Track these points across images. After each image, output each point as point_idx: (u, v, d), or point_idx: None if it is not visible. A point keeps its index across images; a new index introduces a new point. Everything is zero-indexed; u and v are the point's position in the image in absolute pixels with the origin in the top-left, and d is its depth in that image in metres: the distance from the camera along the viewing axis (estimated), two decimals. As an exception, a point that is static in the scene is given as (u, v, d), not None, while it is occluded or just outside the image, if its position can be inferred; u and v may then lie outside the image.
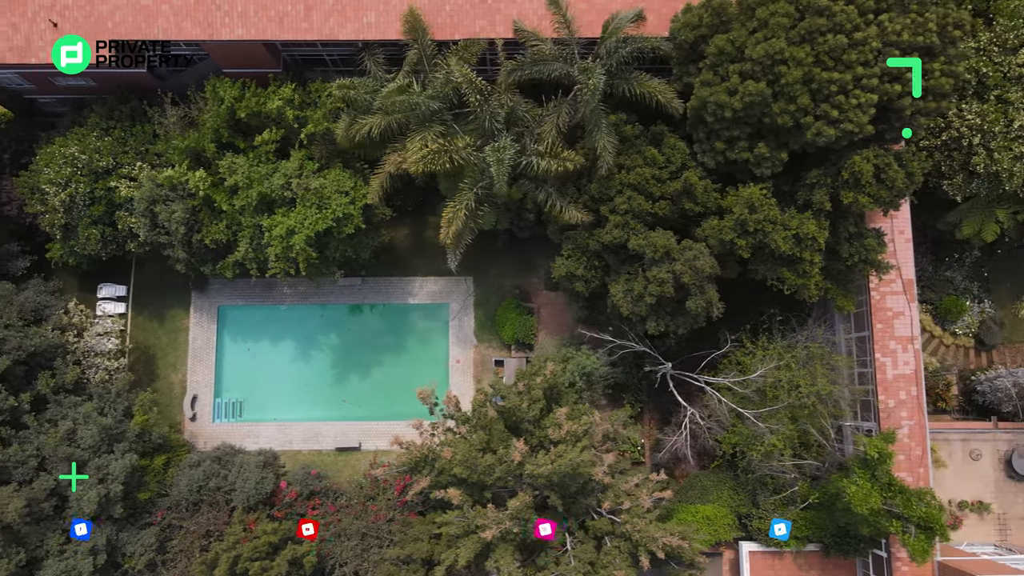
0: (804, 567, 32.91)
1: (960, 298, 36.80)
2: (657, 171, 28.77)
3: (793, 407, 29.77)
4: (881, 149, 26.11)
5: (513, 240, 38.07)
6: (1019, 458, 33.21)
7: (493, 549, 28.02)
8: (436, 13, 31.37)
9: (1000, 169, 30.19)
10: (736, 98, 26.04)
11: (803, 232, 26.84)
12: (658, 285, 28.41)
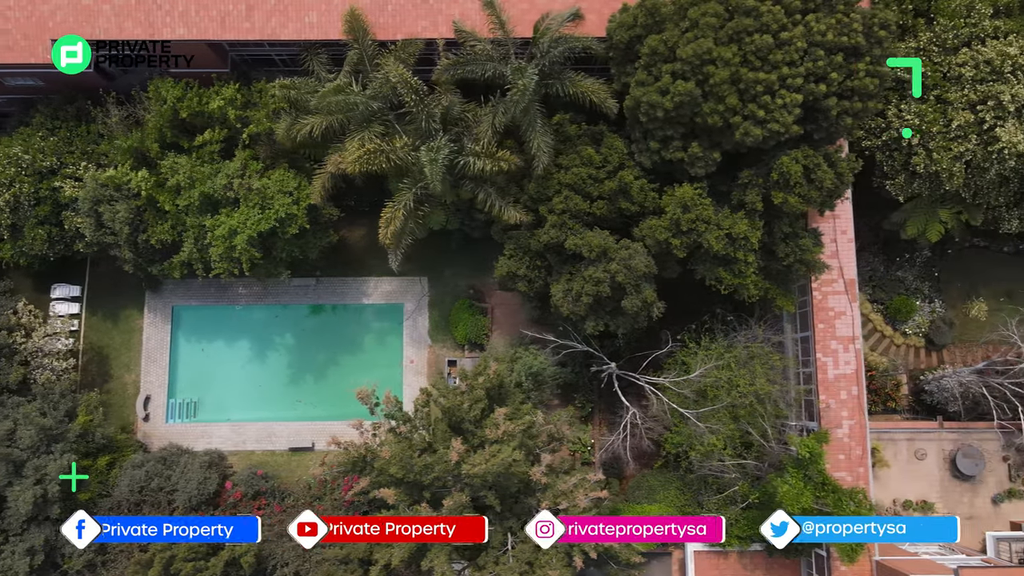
0: (749, 567, 32.93)
1: (910, 298, 36.86)
2: (594, 171, 28.79)
3: (732, 407, 29.77)
4: (811, 150, 26.15)
5: (467, 240, 38.09)
6: (963, 458, 33.26)
7: (428, 549, 27.99)
8: (378, 13, 31.38)
9: (940, 169, 30.24)
10: (667, 98, 26.09)
11: (735, 232, 26.89)
12: (594, 284, 28.43)
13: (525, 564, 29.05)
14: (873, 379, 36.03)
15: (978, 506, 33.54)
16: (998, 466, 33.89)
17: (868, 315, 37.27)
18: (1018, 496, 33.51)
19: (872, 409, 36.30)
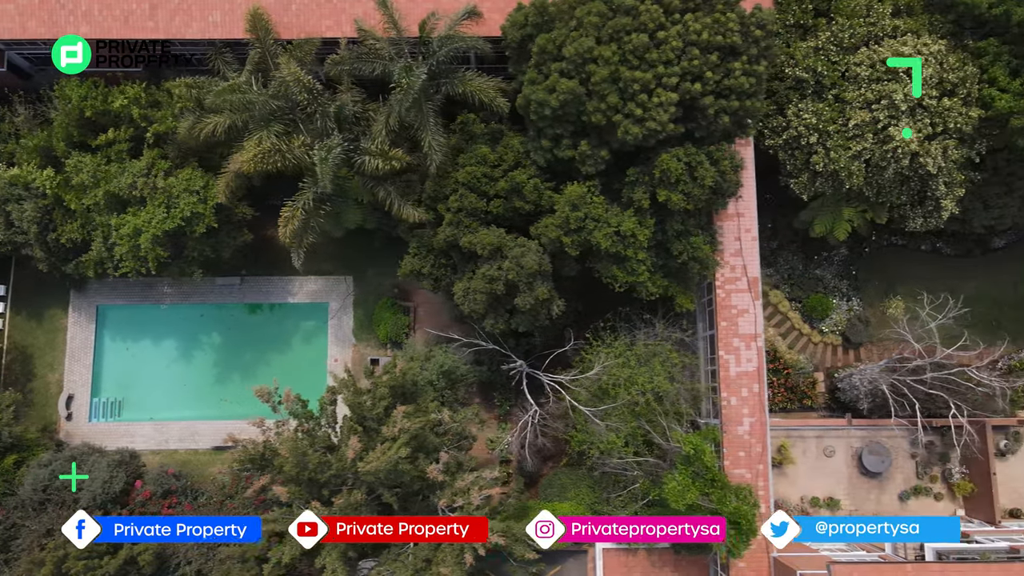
0: (658, 564, 33.07)
1: (826, 296, 37.03)
2: (488, 170, 28.91)
3: (633, 404, 29.90)
4: (694, 148, 26.29)
5: (391, 239, 38.13)
6: (869, 455, 33.44)
7: (321, 547, 28.07)
8: (282, 12, 31.50)
9: (838, 168, 30.42)
10: (554, 96, 26.24)
11: (624, 229, 27.01)
12: (487, 283, 28.57)
13: (423, 561, 29.20)
14: (788, 377, 36.23)
15: (885, 503, 33.75)
16: (906, 463, 34.10)
17: (786, 313, 37.45)
18: (924, 493, 33.71)
19: (788, 407, 36.55)
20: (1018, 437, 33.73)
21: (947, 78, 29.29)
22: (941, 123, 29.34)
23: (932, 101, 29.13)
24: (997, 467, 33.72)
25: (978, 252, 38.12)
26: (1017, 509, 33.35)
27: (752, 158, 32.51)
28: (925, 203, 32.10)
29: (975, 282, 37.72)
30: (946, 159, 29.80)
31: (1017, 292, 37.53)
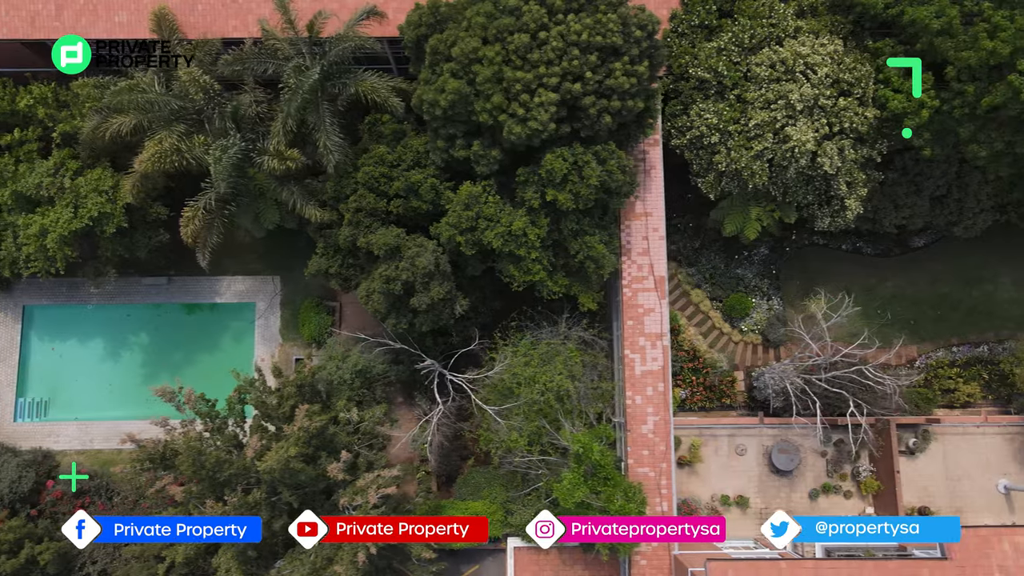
0: (568, 562, 33.10)
1: (746, 295, 37.18)
2: (387, 169, 29.01)
3: (532, 403, 30.00)
4: (581, 147, 26.41)
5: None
6: (779, 453, 33.60)
7: (219, 546, 28.14)
8: (188, 12, 31.56)
9: (741, 167, 30.58)
10: (443, 96, 26.34)
11: (514, 229, 27.13)
12: (385, 283, 28.68)
13: (325, 560, 29.30)
14: (707, 376, 36.40)
15: (795, 501, 33.90)
16: (817, 462, 34.26)
17: (707, 312, 37.62)
18: (834, 491, 33.88)
19: (707, 406, 36.71)
20: (927, 436, 33.91)
21: (843, 78, 29.48)
22: (837, 123, 29.54)
23: (828, 101, 29.31)
24: (907, 465, 33.95)
25: (898, 252, 38.31)
26: (926, 507, 33.53)
27: (660, 157, 32.71)
28: (832, 202, 32.27)
29: (894, 281, 37.96)
30: (843, 159, 29.98)
31: (935, 291, 37.72)
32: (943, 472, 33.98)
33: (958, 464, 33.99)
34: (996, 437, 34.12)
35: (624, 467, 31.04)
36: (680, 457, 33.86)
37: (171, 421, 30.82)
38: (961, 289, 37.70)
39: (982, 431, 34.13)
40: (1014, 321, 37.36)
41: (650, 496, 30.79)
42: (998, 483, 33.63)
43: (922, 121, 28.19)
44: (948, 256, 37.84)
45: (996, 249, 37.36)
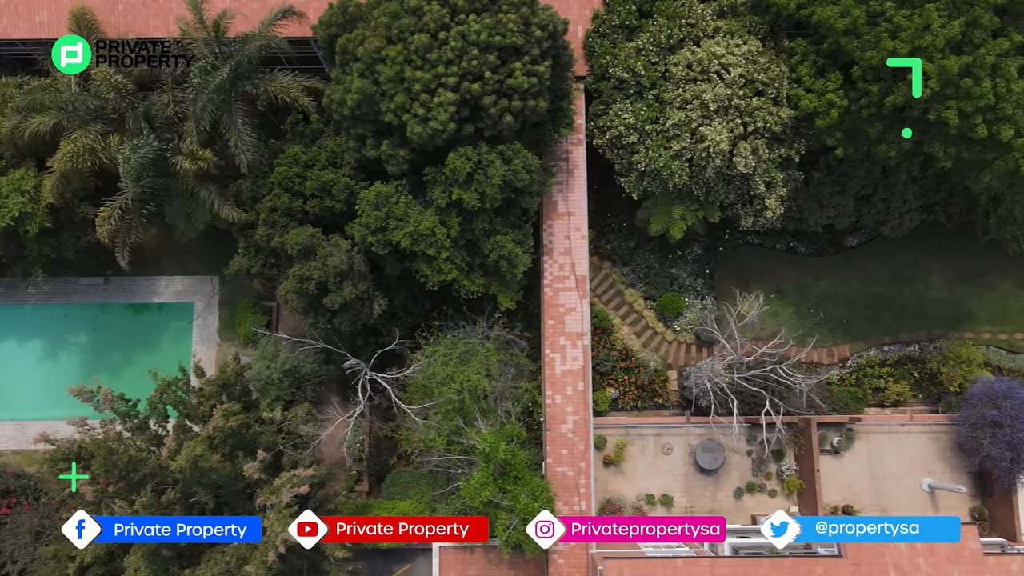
0: (494, 561, 33.11)
1: (679, 295, 37.23)
2: (301, 169, 29.04)
3: (448, 402, 30.05)
4: (486, 147, 26.46)
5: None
6: (703, 452, 33.67)
7: (131, 546, 28.13)
8: (109, 12, 31.58)
9: (659, 167, 30.65)
10: (350, 96, 26.38)
11: (422, 228, 27.17)
12: (299, 282, 28.70)
13: (239, 559, 29.32)
14: (639, 375, 36.45)
15: (721, 500, 33.97)
16: (743, 460, 34.34)
17: (641, 312, 37.68)
18: (759, 490, 33.95)
19: (640, 405, 36.76)
20: (851, 435, 34.00)
21: (758, 78, 29.57)
22: (751, 123, 29.63)
23: (741, 101, 29.39)
24: (832, 464, 34.06)
25: (831, 251, 38.40)
26: (849, 506, 33.63)
27: (584, 157, 32.80)
28: (754, 202, 32.35)
29: (827, 281, 38.05)
30: (758, 158, 30.07)
31: (867, 291, 37.82)
32: (868, 471, 34.07)
33: (883, 463, 34.08)
34: (921, 436, 34.24)
35: (544, 466, 31.09)
36: (606, 456, 33.93)
37: (90, 421, 30.81)
38: (893, 288, 37.82)
39: (907, 430, 34.25)
40: (945, 320, 37.48)
41: (569, 495, 30.91)
42: (922, 482, 33.73)
43: (832, 121, 28.29)
44: (880, 256, 37.95)
45: (927, 249, 37.50)
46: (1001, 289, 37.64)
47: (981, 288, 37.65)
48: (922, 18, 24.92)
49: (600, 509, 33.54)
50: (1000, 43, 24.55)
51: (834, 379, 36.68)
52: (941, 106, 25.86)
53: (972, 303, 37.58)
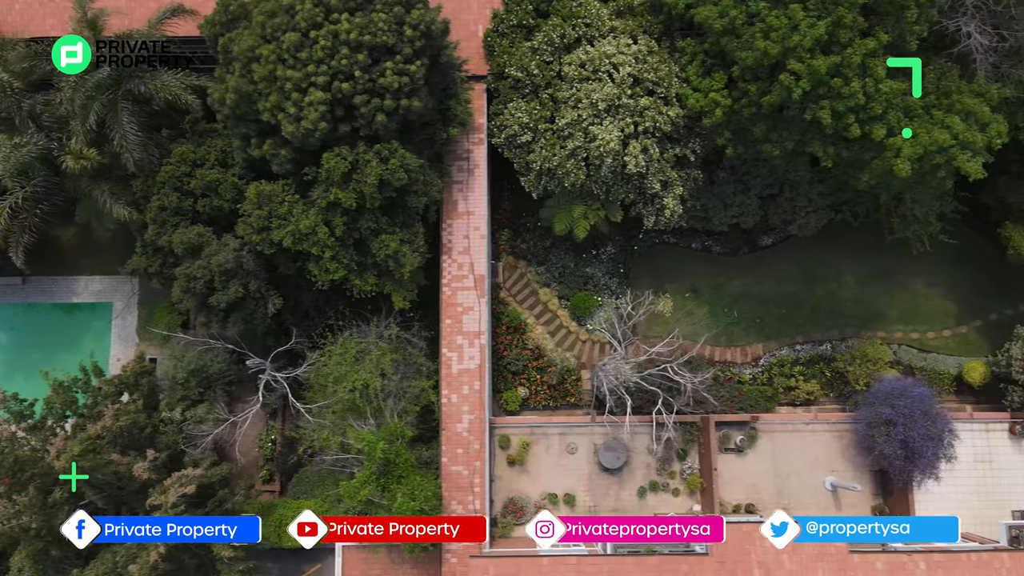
0: (397, 561, 33.07)
1: (591, 294, 37.25)
2: (189, 168, 29.03)
3: (343, 401, 30.08)
4: (365, 146, 26.47)
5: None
6: (605, 451, 33.72)
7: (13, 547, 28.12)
8: (6, 12, 31.57)
9: (554, 166, 30.69)
10: (228, 95, 26.37)
11: (302, 227, 27.18)
12: (187, 282, 28.70)
13: (127, 559, 29.30)
14: (550, 374, 36.48)
15: (624, 499, 34.01)
16: (648, 459, 34.38)
17: (556, 311, 37.73)
18: (662, 489, 34.03)
19: (554, 405, 36.79)
20: (754, 434, 34.08)
21: (647, 77, 29.63)
22: (641, 122, 29.69)
23: (630, 100, 29.45)
24: (736, 463, 34.14)
25: (746, 251, 38.49)
26: (752, 505, 33.71)
27: (485, 156, 32.83)
28: (654, 201, 32.42)
29: (742, 280, 38.13)
30: (649, 158, 30.12)
31: (781, 290, 37.92)
32: (772, 469, 34.15)
33: (787, 461, 34.16)
34: (825, 434, 34.33)
35: (439, 465, 31.13)
36: (509, 456, 33.96)
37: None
38: (806, 287, 37.92)
39: (811, 429, 34.33)
40: (857, 319, 37.60)
41: (463, 494, 30.93)
42: (825, 480, 33.82)
43: (718, 120, 28.38)
44: (794, 255, 38.06)
45: (839, 248, 37.60)
46: (912, 288, 37.79)
47: (893, 287, 37.79)
48: (790, 18, 24.99)
49: (503, 508, 33.59)
50: (867, 43, 24.62)
51: (746, 378, 36.85)
52: (816, 105, 25.94)
53: (884, 302, 37.72)
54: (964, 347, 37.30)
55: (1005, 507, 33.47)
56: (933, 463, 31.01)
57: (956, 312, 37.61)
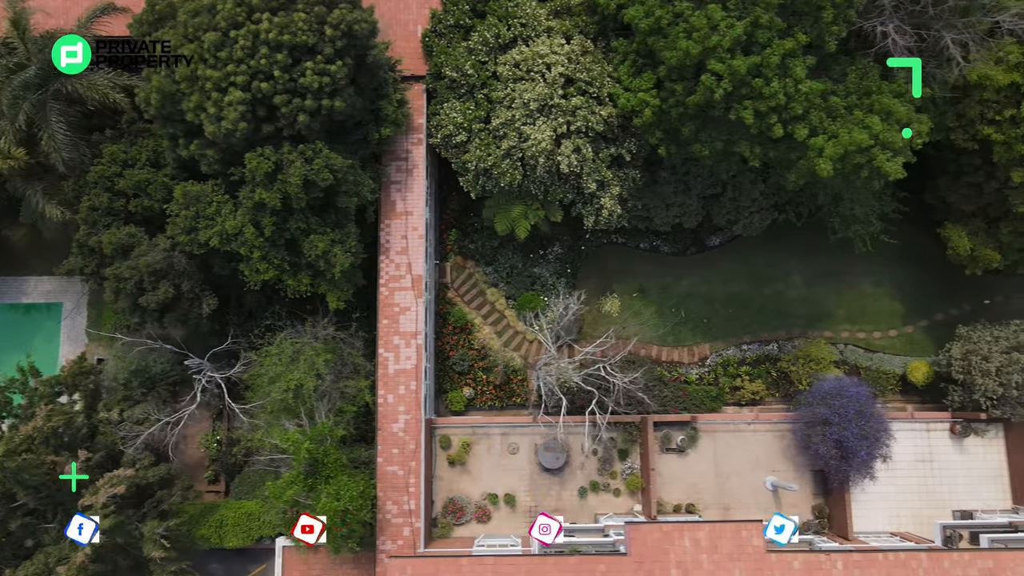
0: (337, 561, 33.06)
1: (538, 294, 37.22)
2: (119, 168, 28.97)
3: (278, 402, 30.04)
4: (289, 146, 26.44)
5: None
6: (545, 451, 33.70)
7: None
8: (-57, 12, 31.43)
9: (489, 165, 30.67)
10: (153, 95, 26.33)
11: (228, 228, 27.14)
12: (116, 282, 28.65)
13: (57, 560, 29.29)
14: (496, 374, 36.47)
15: (565, 499, 33.99)
16: (589, 460, 34.36)
17: (503, 311, 37.72)
18: (603, 489, 33.99)
19: (500, 404, 36.81)
20: (694, 435, 34.06)
21: (579, 77, 29.61)
22: (573, 121, 29.67)
23: (561, 100, 29.44)
24: (677, 463, 34.12)
25: (694, 251, 38.49)
26: (692, 504, 33.70)
27: (424, 156, 32.81)
28: (592, 201, 32.41)
29: (689, 280, 38.13)
30: (581, 157, 30.10)
31: (728, 290, 37.92)
32: (713, 469, 34.14)
33: (729, 461, 34.16)
34: (767, 434, 34.32)
35: (375, 465, 31.11)
36: (449, 456, 33.93)
37: (-82, 422, 30.76)
38: (753, 287, 37.92)
39: (753, 429, 34.32)
40: (805, 319, 37.60)
41: (398, 494, 30.92)
42: (766, 480, 33.83)
43: (648, 120, 28.38)
44: (741, 255, 38.07)
45: (786, 248, 37.62)
46: (859, 288, 37.81)
47: (840, 287, 37.80)
48: (709, 19, 24.98)
49: (443, 508, 33.56)
50: (785, 43, 24.61)
51: (692, 378, 36.86)
52: (740, 106, 25.94)
53: (831, 302, 37.74)
54: (910, 347, 37.34)
55: (946, 507, 33.56)
56: (867, 462, 31.03)
57: (903, 312, 37.64)
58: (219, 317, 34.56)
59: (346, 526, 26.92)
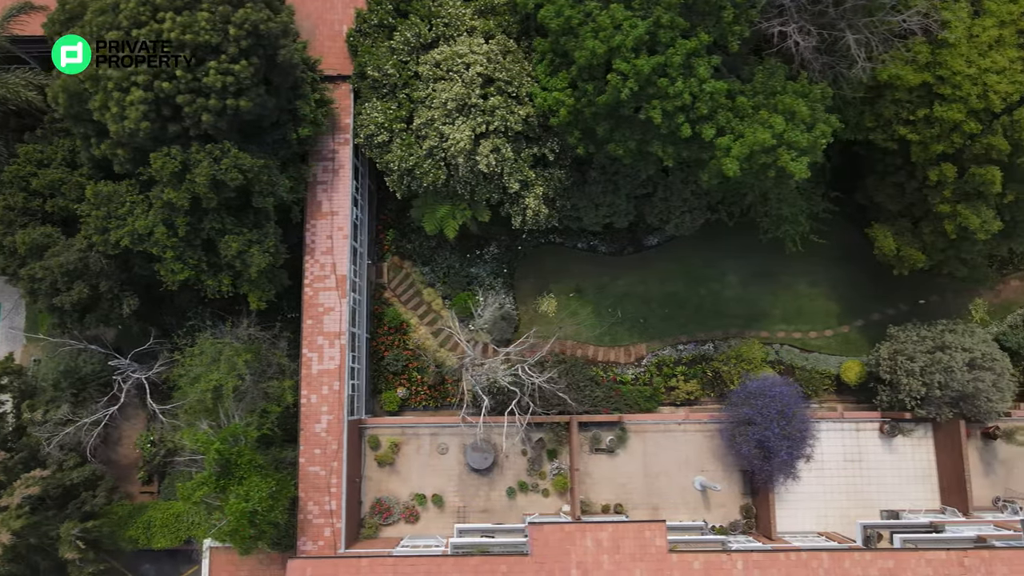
0: (265, 562, 32.96)
1: (471, 295, 37.15)
2: (34, 168, 28.85)
3: (198, 402, 29.94)
4: (200, 147, 26.32)
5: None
6: (472, 452, 33.64)
7: None
8: None
9: (411, 165, 30.59)
10: (59, 94, 26.21)
11: (139, 228, 27.03)
12: (30, 283, 28.53)
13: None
14: (429, 375, 36.40)
15: (494, 499, 33.94)
16: (519, 460, 34.31)
17: (440, 312, 37.65)
18: (532, 489, 33.95)
19: (435, 405, 36.76)
20: (623, 435, 34.02)
21: (499, 76, 29.53)
22: (492, 121, 29.58)
23: (478, 100, 29.36)
24: (606, 463, 34.10)
25: (631, 251, 38.45)
26: (620, 505, 33.65)
27: (350, 157, 32.72)
28: (518, 201, 32.32)
29: (626, 280, 38.09)
30: (501, 157, 30.02)
31: (664, 290, 37.89)
32: (642, 469, 34.11)
33: (658, 461, 34.13)
34: (697, 434, 34.30)
35: (297, 465, 31.03)
36: (378, 456, 33.85)
37: None
38: (690, 287, 37.90)
39: (683, 429, 34.30)
40: (741, 319, 37.59)
41: (320, 494, 30.84)
42: (695, 480, 33.80)
43: (564, 119, 28.31)
44: (678, 255, 38.05)
45: (722, 248, 37.60)
46: (795, 288, 37.79)
47: (776, 287, 37.79)
48: (612, 18, 24.92)
49: (371, 508, 33.50)
50: (687, 43, 24.54)
51: (628, 378, 36.80)
52: (648, 105, 25.88)
53: (767, 302, 37.73)
54: (846, 347, 37.34)
55: (874, 507, 33.56)
56: (789, 462, 31.02)
57: (838, 312, 37.64)
58: (152, 318, 34.50)
59: (255, 527, 26.80)
